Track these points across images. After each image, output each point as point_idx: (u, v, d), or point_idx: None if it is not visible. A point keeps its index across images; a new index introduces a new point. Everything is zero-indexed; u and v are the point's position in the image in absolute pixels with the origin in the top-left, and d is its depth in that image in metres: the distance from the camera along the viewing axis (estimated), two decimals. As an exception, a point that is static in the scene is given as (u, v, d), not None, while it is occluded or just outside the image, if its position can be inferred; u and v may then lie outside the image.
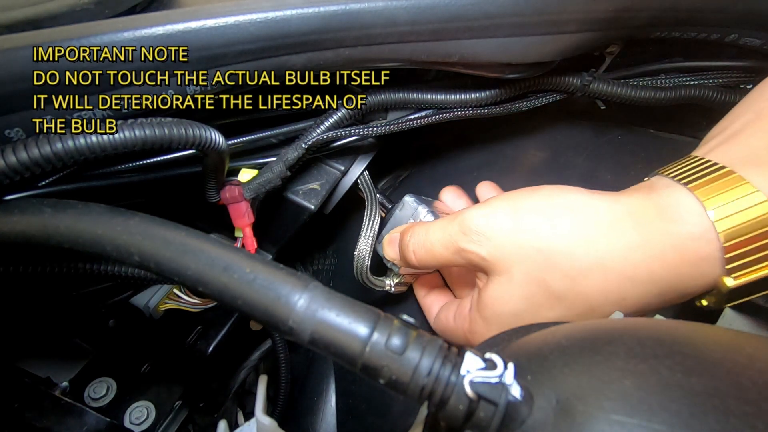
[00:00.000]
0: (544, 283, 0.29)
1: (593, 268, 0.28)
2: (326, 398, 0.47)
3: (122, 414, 0.39)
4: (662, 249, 0.26)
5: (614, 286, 0.28)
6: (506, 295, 0.30)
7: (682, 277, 0.27)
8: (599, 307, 0.28)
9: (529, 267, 0.29)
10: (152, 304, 0.40)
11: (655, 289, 0.27)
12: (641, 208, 0.28)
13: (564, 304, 0.29)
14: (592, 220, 0.28)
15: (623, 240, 0.27)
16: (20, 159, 0.22)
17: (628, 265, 0.27)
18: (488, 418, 0.16)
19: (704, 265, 0.26)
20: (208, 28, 0.26)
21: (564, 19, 0.31)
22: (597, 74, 0.39)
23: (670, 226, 0.26)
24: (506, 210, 0.30)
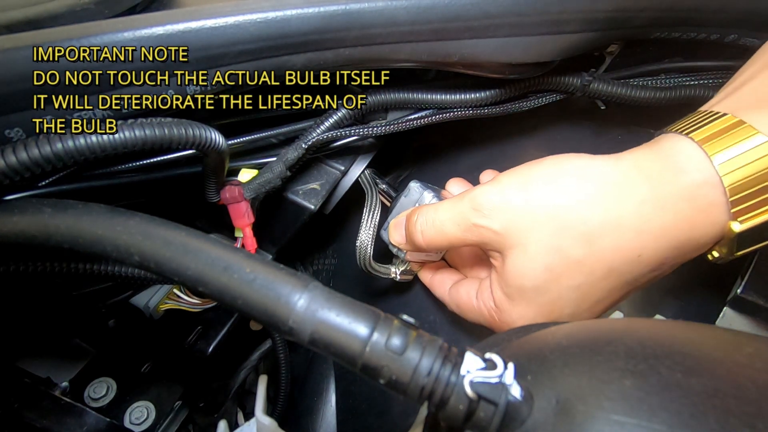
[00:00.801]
0: (561, 250, 0.29)
1: (607, 227, 0.28)
2: (326, 398, 0.47)
3: (122, 414, 0.39)
4: (672, 200, 0.27)
5: (630, 243, 0.28)
6: (526, 268, 0.30)
7: (694, 225, 0.27)
8: (618, 267, 0.28)
9: (544, 236, 0.29)
10: (152, 304, 0.40)
11: (669, 241, 0.28)
12: (647, 162, 0.28)
13: (584, 270, 0.29)
14: (600, 181, 0.29)
15: (633, 196, 0.28)
16: (20, 159, 0.22)
17: (640, 220, 0.27)
18: (488, 418, 0.16)
19: (714, 211, 0.26)
20: (208, 28, 0.26)
21: (564, 19, 0.31)
22: (597, 74, 0.39)
23: (678, 177, 0.27)
24: (516, 183, 0.31)
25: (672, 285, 0.40)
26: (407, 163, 0.54)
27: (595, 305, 0.30)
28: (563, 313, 0.31)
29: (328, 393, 0.48)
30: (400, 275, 0.41)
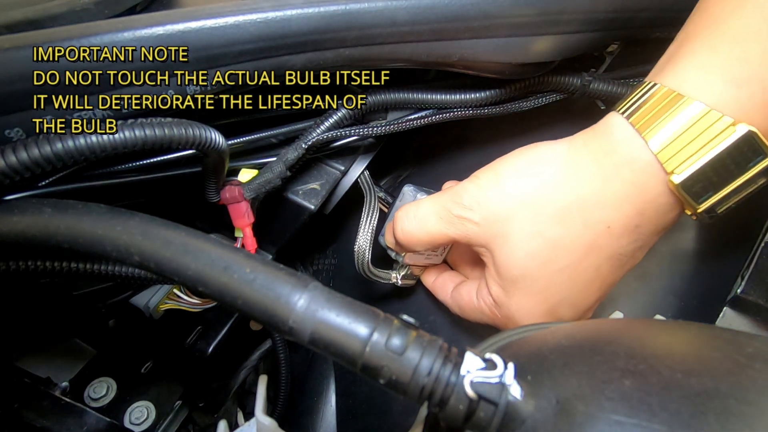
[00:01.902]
0: (539, 233, 0.30)
1: (573, 205, 0.30)
2: (326, 398, 0.47)
3: (122, 414, 0.39)
4: (614, 169, 0.29)
5: (595, 216, 0.30)
6: (512, 258, 0.31)
7: (642, 187, 0.29)
8: (594, 241, 0.30)
9: (522, 222, 0.31)
10: (152, 304, 0.40)
11: (629, 207, 0.29)
12: (589, 139, 0.31)
13: (564, 251, 0.30)
14: (559, 161, 0.31)
15: (586, 171, 0.30)
16: (20, 159, 0.22)
17: (597, 192, 0.29)
18: (488, 418, 0.16)
19: (651, 170, 0.28)
20: (208, 28, 0.26)
21: (564, 19, 0.31)
22: (597, 74, 0.39)
23: (614, 146, 0.29)
24: (490, 177, 0.33)
25: (672, 285, 0.40)
26: (407, 163, 0.54)
27: (589, 286, 0.31)
28: (559, 299, 0.32)
29: (328, 393, 0.48)
30: (401, 280, 0.41)
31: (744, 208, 0.29)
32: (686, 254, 0.41)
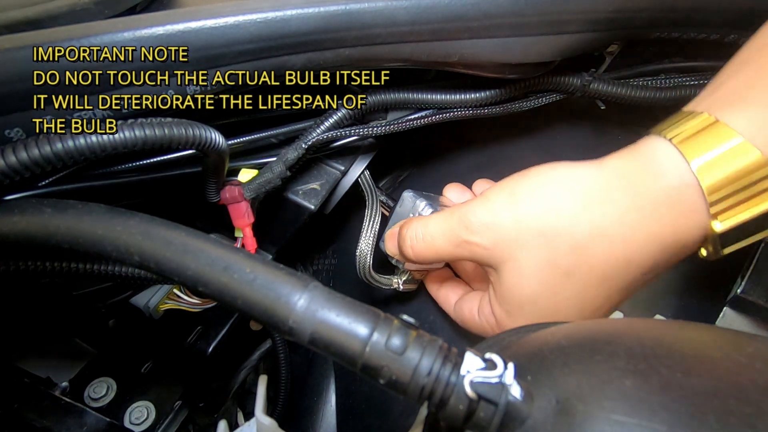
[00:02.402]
0: (552, 263, 0.29)
1: (594, 238, 0.28)
2: (326, 398, 0.47)
3: (122, 414, 0.39)
4: (653, 206, 0.27)
5: (618, 252, 0.28)
6: (520, 284, 0.30)
7: (677, 228, 0.27)
8: (610, 275, 0.29)
9: (534, 251, 0.29)
10: (152, 304, 0.40)
11: (656, 245, 0.28)
12: (627, 168, 0.28)
13: (576, 281, 0.29)
14: (584, 191, 0.29)
15: (616, 204, 0.28)
16: (20, 159, 0.22)
17: (626, 229, 0.28)
18: (488, 418, 0.16)
19: (694, 213, 0.27)
20: (208, 28, 0.26)
21: (564, 19, 0.31)
22: (597, 74, 0.39)
23: (657, 182, 0.27)
24: (504, 199, 0.31)
25: (672, 285, 0.40)
26: (407, 163, 0.54)
27: (596, 312, 0.30)
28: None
29: (328, 393, 0.48)
30: (402, 285, 0.41)
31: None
32: (686, 254, 0.41)
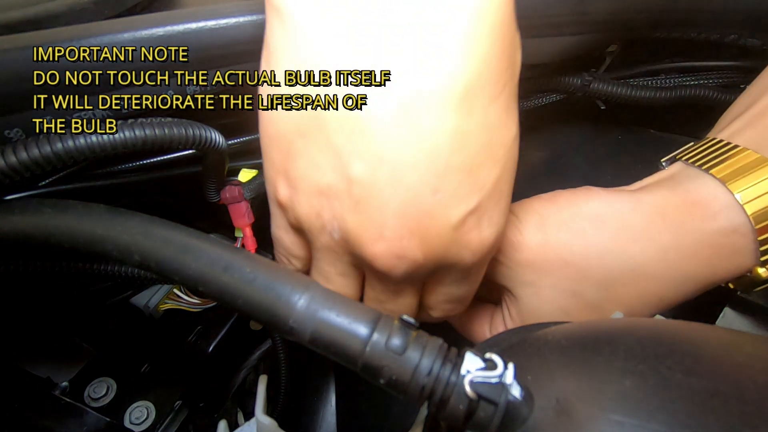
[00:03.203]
0: (577, 294, 0.28)
1: (627, 275, 0.27)
2: (326, 398, 0.47)
3: (122, 414, 0.39)
4: (696, 248, 0.26)
5: (651, 290, 0.27)
6: (540, 310, 0.29)
7: (716, 270, 0.27)
8: (638, 311, 0.28)
9: (559, 280, 0.28)
10: (152, 304, 0.40)
11: (691, 286, 0.27)
12: (670, 206, 0.27)
13: (602, 312, 0.28)
14: (620, 225, 0.27)
15: (656, 243, 0.26)
16: (20, 159, 0.22)
17: (662, 268, 0.27)
18: (488, 418, 0.16)
19: (738, 257, 0.26)
20: (208, 29, 0.26)
21: (563, 21, 0.31)
22: (597, 74, 0.40)
23: (704, 224, 0.26)
24: (533, 222, 0.29)
25: (672, 285, 0.40)
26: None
27: None
28: None
29: (328, 393, 0.48)
30: None
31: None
32: (686, 254, 0.41)
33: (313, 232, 0.24)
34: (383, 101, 0.19)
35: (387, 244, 0.22)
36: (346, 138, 0.20)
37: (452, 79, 0.19)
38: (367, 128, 0.20)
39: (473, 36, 0.19)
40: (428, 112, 0.19)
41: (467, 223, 0.22)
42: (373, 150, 0.20)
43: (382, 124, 0.20)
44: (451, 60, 0.19)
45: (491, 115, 0.21)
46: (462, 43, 0.19)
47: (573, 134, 0.48)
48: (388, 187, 0.21)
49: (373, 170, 0.20)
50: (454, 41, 0.19)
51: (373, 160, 0.20)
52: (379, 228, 0.21)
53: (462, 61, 0.19)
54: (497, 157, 0.22)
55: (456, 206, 0.22)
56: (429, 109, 0.19)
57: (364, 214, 0.21)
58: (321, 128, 0.21)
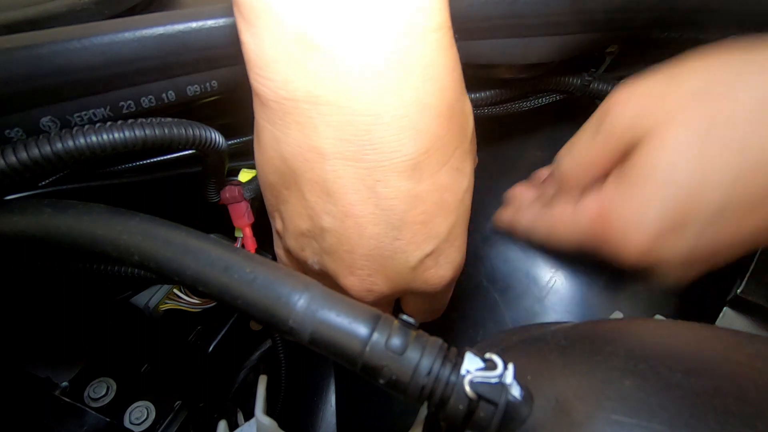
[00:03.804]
0: (712, 132, 0.24)
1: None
2: (326, 398, 0.47)
3: (122, 414, 0.39)
4: None
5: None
6: (663, 149, 0.25)
7: None
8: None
9: (692, 115, 0.25)
10: (152, 304, 0.40)
11: None
12: None
13: (743, 155, 0.24)
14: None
15: None
16: (20, 159, 0.22)
17: None
18: (488, 418, 0.16)
19: None
20: (208, 29, 0.26)
21: (563, 20, 0.31)
22: (597, 74, 0.40)
23: None
24: (658, 75, 0.27)
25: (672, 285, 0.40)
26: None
27: (749, 212, 0.24)
28: (707, 199, 0.24)
29: (328, 393, 0.48)
30: None
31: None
32: (686, 254, 0.41)
33: (300, 261, 0.28)
34: (346, 171, 0.23)
35: (357, 279, 0.25)
36: (317, 197, 0.24)
37: (404, 157, 0.22)
38: (333, 191, 0.23)
39: (422, 124, 0.22)
40: (384, 181, 0.23)
41: (425, 263, 0.26)
42: (339, 209, 0.24)
43: (346, 189, 0.23)
44: (403, 145, 0.22)
45: (442, 177, 0.24)
46: (412, 132, 0.22)
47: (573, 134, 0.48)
48: (354, 236, 0.24)
49: (341, 224, 0.24)
50: (406, 131, 0.22)
51: (340, 216, 0.24)
52: (349, 267, 0.25)
53: (413, 145, 0.22)
54: (450, 209, 0.25)
55: (414, 251, 0.25)
56: (385, 179, 0.23)
57: (336, 256, 0.25)
58: (298, 186, 0.24)
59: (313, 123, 0.22)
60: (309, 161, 0.23)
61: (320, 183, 0.23)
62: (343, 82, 0.21)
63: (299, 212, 0.25)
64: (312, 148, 0.23)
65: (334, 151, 0.22)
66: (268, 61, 0.22)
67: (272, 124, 0.24)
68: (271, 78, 0.22)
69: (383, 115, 0.21)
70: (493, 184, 0.46)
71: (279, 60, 0.21)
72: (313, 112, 0.22)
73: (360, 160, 0.22)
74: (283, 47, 0.21)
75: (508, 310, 0.42)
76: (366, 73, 0.21)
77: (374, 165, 0.22)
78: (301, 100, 0.22)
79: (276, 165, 0.25)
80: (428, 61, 0.22)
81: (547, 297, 0.42)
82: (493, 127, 0.47)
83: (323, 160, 0.23)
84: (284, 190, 0.26)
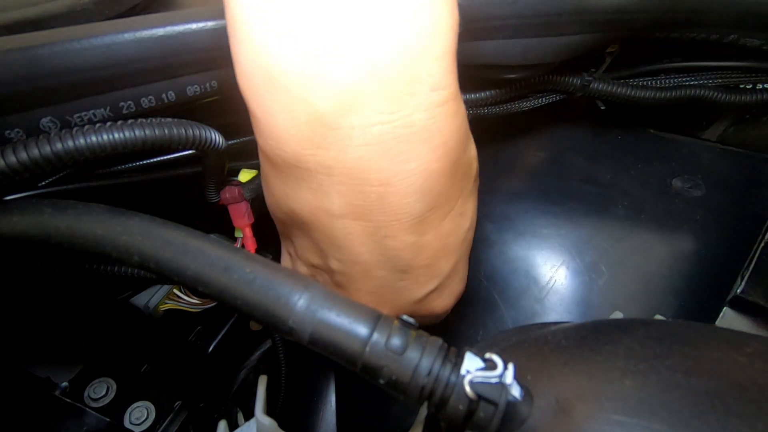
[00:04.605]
0: None
1: None
2: (326, 398, 0.47)
3: (122, 414, 0.39)
4: None
5: None
6: None
7: None
8: None
9: None
10: (152, 304, 0.40)
11: None
12: None
13: None
14: None
15: None
16: (20, 159, 0.22)
17: None
18: (488, 418, 0.16)
19: None
20: (208, 30, 0.26)
21: (563, 21, 0.31)
22: (597, 74, 0.39)
23: None
24: None
25: (672, 285, 0.40)
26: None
27: None
28: None
29: (328, 393, 0.48)
30: None
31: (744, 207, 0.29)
32: (686, 254, 0.41)
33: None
34: (355, 228, 0.24)
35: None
36: (327, 245, 0.26)
37: (411, 216, 0.24)
38: (342, 244, 0.25)
39: (428, 186, 0.23)
40: (391, 236, 0.24)
41: (429, 297, 0.28)
42: (347, 257, 0.26)
43: (354, 243, 0.25)
44: (411, 207, 0.24)
45: (446, 226, 0.26)
46: (419, 195, 0.24)
47: (573, 134, 0.48)
48: (361, 278, 0.26)
49: (349, 268, 0.26)
50: (413, 195, 0.23)
51: (348, 261, 0.26)
52: (357, 298, 0.27)
53: (419, 206, 0.24)
54: (453, 250, 0.27)
55: (418, 289, 0.27)
56: (392, 235, 0.24)
57: (344, 288, 0.28)
58: (308, 233, 0.26)
59: (324, 190, 0.23)
60: (320, 218, 0.24)
61: (329, 236, 0.25)
62: (355, 156, 0.22)
63: (310, 249, 0.28)
64: (323, 209, 0.24)
65: (344, 212, 0.24)
66: (278, 134, 0.22)
67: (282, 182, 0.25)
68: (283, 149, 0.22)
69: (392, 184, 0.23)
70: (493, 184, 0.46)
71: (290, 135, 0.22)
72: (325, 181, 0.23)
73: (369, 219, 0.24)
74: (295, 125, 0.21)
75: (508, 310, 0.42)
76: (377, 148, 0.21)
77: (382, 224, 0.24)
78: (312, 170, 0.22)
79: (285, 212, 0.26)
80: (435, 131, 0.22)
81: (547, 297, 0.42)
82: (493, 127, 0.47)
83: (333, 219, 0.24)
84: (295, 229, 0.27)
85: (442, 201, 0.25)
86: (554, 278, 0.42)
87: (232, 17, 0.21)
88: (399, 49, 0.20)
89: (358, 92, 0.20)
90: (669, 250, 0.41)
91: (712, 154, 0.45)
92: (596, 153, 0.47)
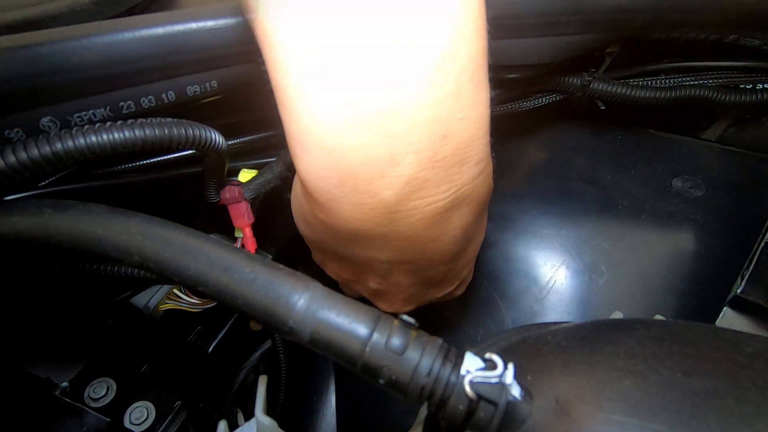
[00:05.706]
0: None
1: None
2: (326, 398, 0.47)
3: (122, 414, 0.39)
4: None
5: None
6: None
7: None
8: None
9: None
10: (152, 304, 0.40)
11: None
12: None
13: None
14: None
15: None
16: (20, 159, 0.22)
17: None
18: (488, 418, 0.16)
19: None
20: (208, 29, 0.26)
21: (563, 21, 0.31)
22: (597, 74, 0.39)
23: None
24: None
25: (672, 285, 0.40)
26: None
27: None
28: None
29: (328, 393, 0.48)
30: None
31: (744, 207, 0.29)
32: (686, 254, 0.41)
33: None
34: (398, 267, 0.27)
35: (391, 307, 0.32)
36: (370, 274, 0.29)
37: (449, 256, 0.27)
38: (385, 275, 0.28)
39: (462, 237, 0.27)
40: (429, 268, 0.28)
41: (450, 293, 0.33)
42: (387, 283, 0.29)
43: (397, 276, 0.28)
44: (447, 252, 0.27)
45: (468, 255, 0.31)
46: (456, 242, 0.27)
47: (573, 134, 0.48)
48: (396, 293, 0.30)
49: (387, 288, 0.30)
50: (452, 244, 0.26)
51: (387, 285, 0.29)
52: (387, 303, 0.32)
53: (456, 248, 0.27)
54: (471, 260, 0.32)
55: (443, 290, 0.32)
56: (430, 268, 0.28)
57: (379, 299, 0.32)
58: (350, 265, 0.29)
59: (377, 248, 0.25)
60: (367, 262, 0.27)
61: (373, 272, 0.28)
62: (411, 228, 0.23)
63: (342, 267, 0.31)
64: (371, 258, 0.26)
65: (391, 260, 0.26)
66: (340, 214, 0.23)
67: (333, 237, 0.26)
68: (342, 226, 0.24)
69: (438, 240, 0.25)
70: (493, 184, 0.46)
71: (353, 217, 0.23)
72: (379, 243, 0.25)
73: (413, 263, 0.26)
74: (359, 210, 0.23)
75: (508, 310, 0.42)
76: (431, 219, 0.23)
77: (425, 265, 0.27)
78: (369, 238, 0.24)
79: (317, 234, 0.28)
80: (475, 195, 0.25)
81: (547, 297, 0.42)
82: (493, 127, 0.47)
83: (380, 264, 0.27)
84: (334, 259, 0.31)
85: (470, 237, 0.28)
86: (554, 278, 0.42)
87: (309, 118, 0.21)
88: (458, 141, 0.22)
89: (423, 182, 0.22)
90: (669, 250, 0.41)
91: (712, 154, 0.45)
92: (596, 153, 0.47)
